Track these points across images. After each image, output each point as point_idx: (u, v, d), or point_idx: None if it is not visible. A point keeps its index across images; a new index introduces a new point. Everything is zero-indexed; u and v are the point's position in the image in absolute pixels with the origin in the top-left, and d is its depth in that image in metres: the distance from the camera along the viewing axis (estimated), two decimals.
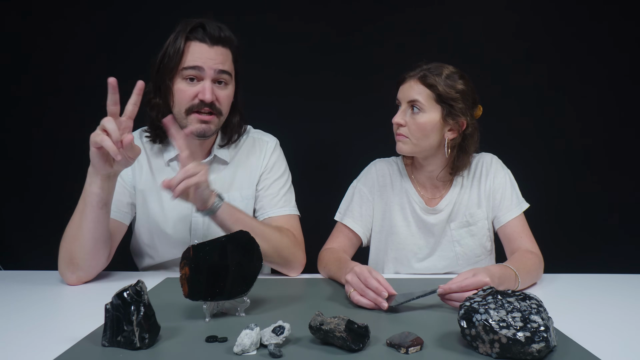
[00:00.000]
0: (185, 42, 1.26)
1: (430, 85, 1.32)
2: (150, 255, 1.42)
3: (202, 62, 1.26)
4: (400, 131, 1.36)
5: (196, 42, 1.27)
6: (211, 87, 1.27)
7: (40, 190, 2.08)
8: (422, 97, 1.33)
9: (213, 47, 1.27)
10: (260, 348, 0.81)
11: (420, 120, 1.33)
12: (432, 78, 1.32)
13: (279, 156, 1.47)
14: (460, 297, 1.01)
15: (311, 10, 2.06)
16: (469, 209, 1.43)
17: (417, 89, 1.34)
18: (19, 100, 2.07)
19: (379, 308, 1.02)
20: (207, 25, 1.28)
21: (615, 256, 1.92)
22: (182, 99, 1.27)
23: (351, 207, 1.47)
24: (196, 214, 1.38)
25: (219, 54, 1.28)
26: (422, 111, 1.33)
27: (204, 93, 1.25)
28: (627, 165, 2.08)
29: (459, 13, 2.06)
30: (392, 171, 1.50)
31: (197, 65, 1.25)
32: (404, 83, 1.37)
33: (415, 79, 1.35)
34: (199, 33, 1.27)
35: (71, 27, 2.04)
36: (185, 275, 0.93)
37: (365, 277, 1.04)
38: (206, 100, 1.26)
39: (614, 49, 2.05)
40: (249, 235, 0.98)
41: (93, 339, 0.86)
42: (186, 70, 1.26)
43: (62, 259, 1.21)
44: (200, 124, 1.28)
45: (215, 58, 1.27)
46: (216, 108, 1.29)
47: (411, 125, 1.34)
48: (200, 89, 1.26)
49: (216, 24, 1.29)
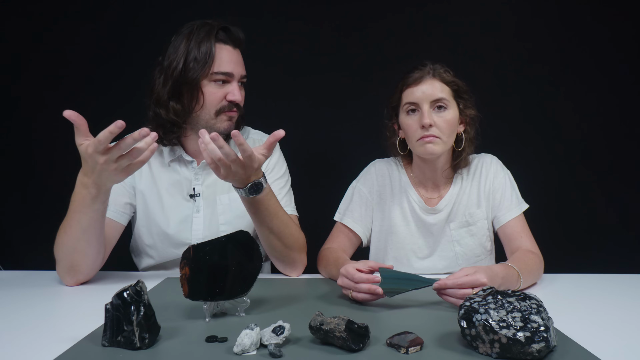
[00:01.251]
0: (214, 45, 1.30)
1: (450, 82, 1.35)
2: (150, 255, 1.42)
3: (231, 68, 1.33)
4: (432, 132, 1.32)
5: (222, 45, 1.32)
6: (239, 89, 1.34)
7: (41, 190, 2.08)
8: (446, 94, 1.34)
9: (236, 49, 1.35)
10: (260, 348, 0.81)
11: (448, 117, 1.34)
12: (448, 75, 1.35)
13: (279, 157, 1.48)
14: (454, 294, 1.02)
15: (311, 10, 2.06)
16: (469, 209, 1.43)
17: (439, 87, 1.34)
18: (19, 100, 2.07)
19: (379, 297, 1.05)
20: (231, 28, 1.34)
21: (615, 256, 1.92)
22: (213, 101, 1.32)
23: (351, 207, 1.47)
24: (197, 215, 1.38)
25: (240, 57, 1.36)
26: (448, 108, 1.34)
27: (235, 94, 1.32)
28: (627, 165, 2.07)
29: (458, 13, 2.06)
30: (391, 171, 1.50)
31: (228, 72, 1.32)
32: (420, 83, 1.34)
33: (434, 78, 1.35)
34: (222, 35, 1.32)
35: (72, 27, 2.04)
36: (185, 275, 0.93)
37: (352, 275, 1.06)
38: (237, 101, 1.34)
39: (614, 49, 2.05)
40: (249, 235, 0.98)
41: (93, 339, 0.86)
42: (217, 75, 1.31)
43: (61, 266, 1.21)
44: (228, 121, 1.35)
45: (239, 62, 1.35)
46: (240, 108, 1.37)
47: (441, 124, 1.33)
48: (230, 90, 1.33)
49: (234, 27, 1.35)
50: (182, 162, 1.40)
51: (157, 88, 1.32)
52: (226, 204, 1.40)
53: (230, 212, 1.40)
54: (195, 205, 1.38)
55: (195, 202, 1.38)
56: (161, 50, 1.36)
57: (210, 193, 1.40)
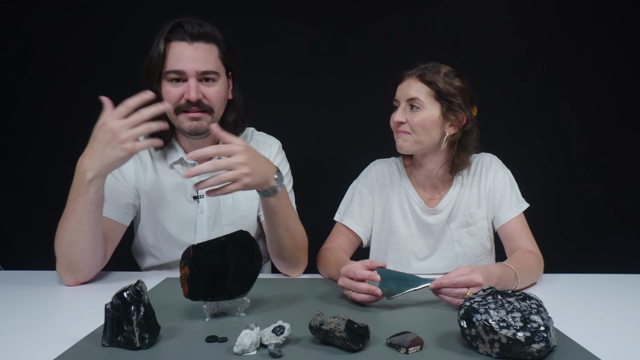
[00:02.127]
0: (165, 43, 1.27)
1: (429, 82, 1.34)
2: (154, 255, 1.43)
3: (182, 65, 1.26)
4: (401, 128, 1.36)
5: (176, 42, 1.27)
6: (196, 86, 1.27)
7: (41, 190, 2.07)
8: (421, 95, 1.34)
9: (193, 43, 1.27)
10: (260, 348, 0.81)
11: (419, 117, 1.34)
12: (430, 75, 1.34)
13: (282, 159, 1.48)
14: (450, 293, 1.02)
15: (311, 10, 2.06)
16: (469, 209, 1.43)
17: (416, 86, 1.35)
18: (19, 100, 2.07)
19: (378, 299, 1.05)
20: (185, 23, 1.27)
21: (615, 256, 1.92)
22: (170, 100, 1.27)
23: (351, 207, 1.47)
24: (201, 216, 1.38)
25: (201, 51, 1.28)
26: (421, 108, 1.34)
27: (189, 93, 1.26)
28: (627, 164, 2.07)
29: (458, 13, 2.06)
30: (391, 171, 1.50)
31: (178, 70, 1.26)
32: (402, 82, 1.38)
33: (413, 77, 1.36)
34: (178, 32, 1.27)
35: (71, 26, 2.04)
36: (185, 275, 0.93)
37: (353, 271, 1.06)
38: (191, 99, 1.26)
39: (614, 48, 2.05)
40: (249, 235, 0.98)
41: (93, 339, 0.86)
42: (169, 74, 1.27)
43: (60, 262, 1.21)
44: (190, 121, 1.29)
45: (196, 57, 1.27)
46: (205, 105, 1.29)
47: (411, 122, 1.34)
48: (185, 89, 1.27)
49: (196, 21, 1.29)
50: (185, 164, 1.40)
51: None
52: (230, 205, 1.40)
53: (234, 213, 1.41)
54: (199, 206, 1.39)
55: (199, 203, 1.39)
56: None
57: None
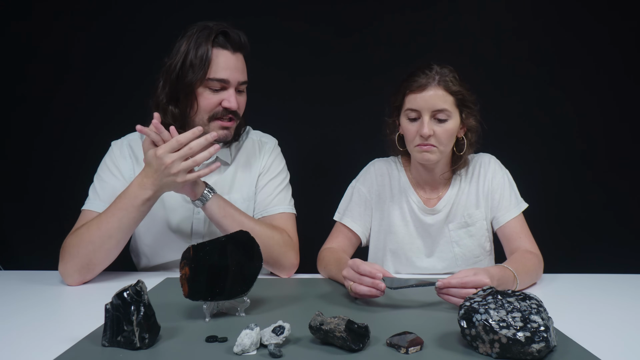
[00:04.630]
0: (210, 50, 1.27)
1: (455, 92, 1.31)
2: (149, 255, 1.42)
3: (228, 75, 1.29)
4: (430, 141, 1.31)
5: (219, 50, 1.29)
6: (235, 96, 1.30)
7: (41, 190, 2.08)
8: (448, 105, 1.31)
9: (235, 54, 1.31)
10: (260, 348, 0.81)
11: (448, 128, 1.31)
12: (455, 84, 1.31)
13: (276, 156, 1.48)
14: (457, 293, 1.01)
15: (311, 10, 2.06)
16: (468, 210, 1.43)
17: (443, 97, 1.30)
18: (20, 102, 2.07)
19: (379, 294, 1.04)
20: (229, 31, 1.29)
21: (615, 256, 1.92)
22: (207, 107, 1.30)
23: (350, 207, 1.47)
24: (198, 216, 1.38)
25: (240, 62, 1.32)
26: (449, 119, 1.31)
27: (230, 102, 1.29)
28: (626, 164, 2.07)
29: (458, 13, 2.06)
30: (390, 171, 1.50)
31: (224, 79, 1.29)
32: (423, 91, 1.30)
33: (436, 86, 1.30)
34: (220, 39, 1.29)
35: (72, 29, 2.04)
36: (185, 275, 0.93)
37: (358, 265, 1.06)
38: (232, 108, 1.30)
39: (613, 49, 2.05)
40: (249, 235, 0.98)
41: (93, 339, 0.86)
42: (212, 81, 1.28)
43: (74, 262, 1.20)
44: (222, 130, 1.32)
45: (237, 67, 1.31)
46: (237, 114, 1.34)
47: (440, 134, 1.31)
48: (226, 97, 1.29)
49: (236, 30, 1.31)
50: None
51: (158, 91, 1.32)
52: None
53: None
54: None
55: None
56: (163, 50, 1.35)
57: None
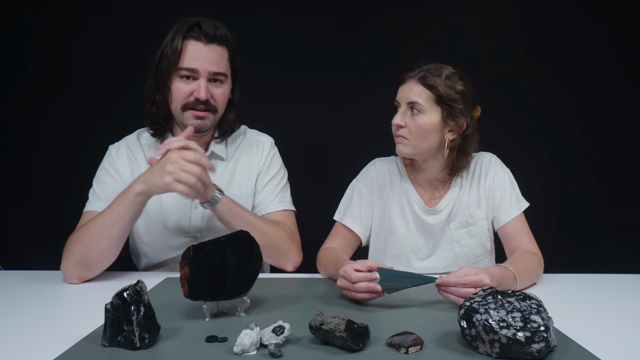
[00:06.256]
0: (182, 41, 1.30)
1: (431, 87, 1.31)
2: (148, 253, 1.43)
3: (197, 64, 1.30)
4: (400, 132, 1.35)
5: (192, 41, 1.31)
6: (206, 86, 1.32)
7: (41, 190, 2.08)
8: (422, 99, 1.32)
9: (208, 45, 1.32)
10: (260, 348, 0.81)
11: (419, 122, 1.32)
12: (432, 79, 1.31)
13: (274, 155, 1.50)
14: (456, 292, 1.02)
15: (311, 10, 2.06)
16: (469, 209, 1.43)
17: (417, 90, 1.33)
18: (21, 102, 2.07)
19: (378, 295, 1.05)
20: (203, 23, 1.31)
21: (615, 256, 1.92)
22: (179, 96, 1.33)
23: (350, 206, 1.47)
24: (195, 211, 1.39)
25: (214, 53, 1.32)
26: (422, 112, 1.32)
27: (199, 92, 1.31)
28: (626, 164, 2.08)
29: (458, 13, 2.06)
30: (391, 171, 1.50)
31: (192, 68, 1.30)
32: (404, 84, 1.36)
33: (415, 80, 1.33)
34: (194, 32, 1.31)
35: (73, 28, 2.04)
36: (185, 275, 0.93)
37: (349, 274, 1.06)
38: (201, 98, 1.31)
39: (613, 48, 2.05)
40: (249, 235, 0.98)
41: (93, 339, 0.86)
42: (182, 71, 1.31)
43: (73, 258, 1.22)
44: (195, 119, 1.33)
45: (210, 58, 1.31)
46: (211, 105, 1.34)
47: (411, 127, 1.33)
48: (196, 87, 1.31)
49: (212, 23, 1.33)
50: None
51: (147, 83, 1.37)
52: None
53: None
54: (194, 202, 1.39)
55: (194, 201, 1.39)
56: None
57: None
